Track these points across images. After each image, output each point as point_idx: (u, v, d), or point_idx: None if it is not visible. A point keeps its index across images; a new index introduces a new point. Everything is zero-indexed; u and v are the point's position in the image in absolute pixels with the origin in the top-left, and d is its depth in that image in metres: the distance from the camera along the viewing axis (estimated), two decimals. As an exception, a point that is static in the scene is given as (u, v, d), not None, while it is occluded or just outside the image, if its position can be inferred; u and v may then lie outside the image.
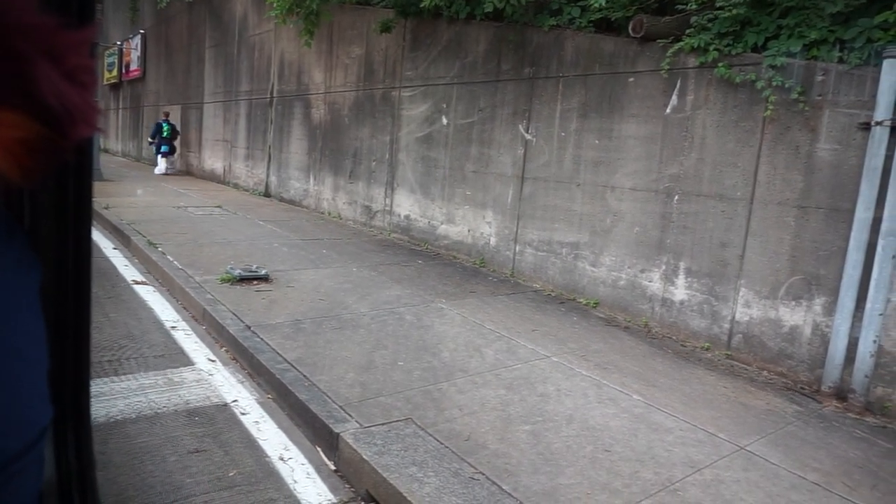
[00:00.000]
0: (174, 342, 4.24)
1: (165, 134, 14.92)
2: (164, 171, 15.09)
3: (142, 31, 18.71)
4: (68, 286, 0.68)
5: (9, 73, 0.43)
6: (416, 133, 7.94)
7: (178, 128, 15.54)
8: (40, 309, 0.53)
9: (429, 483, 2.52)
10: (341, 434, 2.87)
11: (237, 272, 5.44)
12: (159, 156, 15.06)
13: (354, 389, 3.37)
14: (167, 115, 15.57)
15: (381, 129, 8.62)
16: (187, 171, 15.84)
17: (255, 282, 5.41)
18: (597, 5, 5.27)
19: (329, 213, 9.95)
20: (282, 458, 2.88)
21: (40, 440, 0.52)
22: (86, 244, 0.70)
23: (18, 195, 0.63)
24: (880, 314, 3.66)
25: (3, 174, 0.45)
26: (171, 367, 3.78)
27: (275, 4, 8.29)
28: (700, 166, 4.73)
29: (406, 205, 8.20)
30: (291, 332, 4.21)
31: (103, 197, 9.66)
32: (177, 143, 15.45)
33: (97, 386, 3.39)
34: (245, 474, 2.71)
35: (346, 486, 2.75)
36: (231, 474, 2.69)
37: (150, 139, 15.53)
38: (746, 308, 4.42)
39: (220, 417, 3.21)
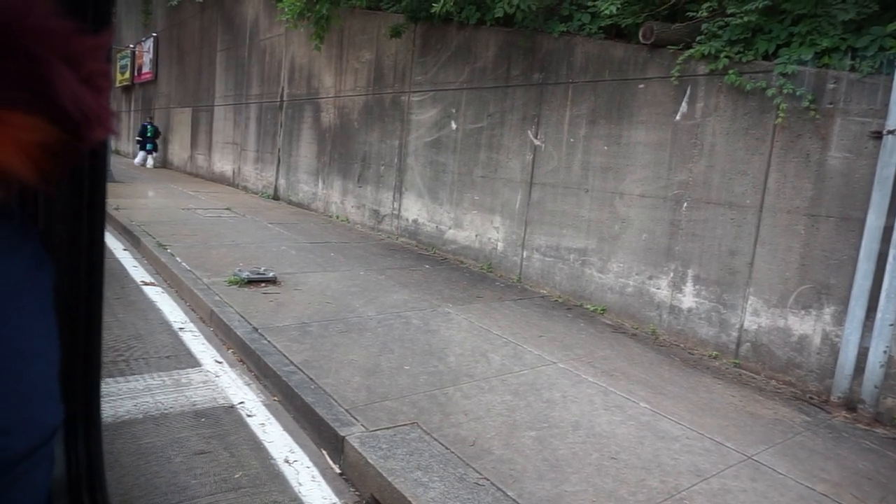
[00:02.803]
0: (182, 343, 4.26)
1: (149, 134, 17.67)
2: (142, 162, 17.67)
3: (154, 35, 18.88)
4: (81, 286, 0.69)
5: (27, 78, 0.44)
6: (425, 138, 7.95)
7: (160, 129, 18.30)
8: (53, 309, 0.53)
9: (434, 488, 2.52)
10: (347, 437, 2.87)
11: (245, 274, 5.46)
12: (142, 152, 17.77)
13: (360, 393, 3.37)
14: (151, 118, 18.48)
15: (390, 133, 8.65)
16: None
17: (262, 284, 5.44)
18: (607, 12, 5.27)
19: (337, 217, 9.98)
20: (287, 461, 2.89)
21: (51, 439, 0.53)
22: (99, 246, 0.70)
23: (33, 196, 0.64)
24: (891, 324, 3.63)
25: (20, 176, 0.45)
26: (179, 369, 3.80)
27: (286, 9, 8.35)
28: (709, 173, 4.71)
29: (414, 209, 8.21)
30: (298, 334, 4.22)
31: (114, 198, 9.74)
32: (158, 141, 18.08)
33: (105, 386, 3.41)
34: (250, 476, 2.71)
35: (351, 489, 2.75)
36: (236, 476, 2.69)
37: (137, 138, 18.18)
38: (755, 316, 4.39)
39: (226, 419, 3.22)
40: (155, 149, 17.84)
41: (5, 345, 0.47)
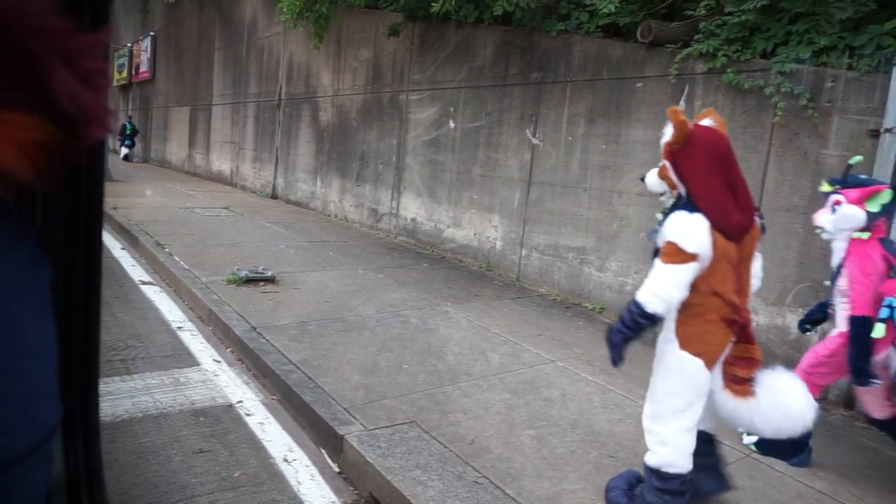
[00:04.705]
0: (180, 342, 4.26)
1: (128, 132, 19.05)
2: (124, 157, 18.81)
3: (152, 33, 18.85)
4: (79, 286, 0.69)
5: (25, 76, 0.44)
6: (424, 136, 7.95)
7: (138, 127, 20.02)
8: (51, 308, 0.53)
9: (432, 486, 2.52)
10: (346, 436, 2.87)
11: (243, 273, 5.46)
12: (123, 147, 19.05)
13: (359, 392, 3.37)
14: (130, 117, 20.39)
15: (389, 132, 8.64)
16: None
17: (261, 283, 5.43)
18: (605, 10, 5.27)
19: (336, 216, 9.98)
20: (286, 460, 2.89)
21: (49, 438, 0.53)
22: (97, 245, 0.70)
23: (31, 195, 0.64)
24: (888, 322, 3.63)
25: (18, 174, 0.45)
26: (177, 368, 3.80)
27: (285, 8, 8.34)
28: (707, 172, 4.71)
29: (412, 208, 8.21)
30: (297, 333, 4.22)
31: (112, 197, 9.72)
32: (136, 138, 19.66)
33: (104, 385, 3.41)
34: (249, 475, 2.71)
35: (350, 488, 2.75)
36: (235, 475, 2.69)
37: (118, 136, 19.49)
38: (753, 315, 4.38)
39: (225, 418, 3.22)
40: (133, 145, 19.44)
41: (5, 344, 0.47)
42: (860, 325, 2.73)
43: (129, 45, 21.02)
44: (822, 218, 2.98)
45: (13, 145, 0.44)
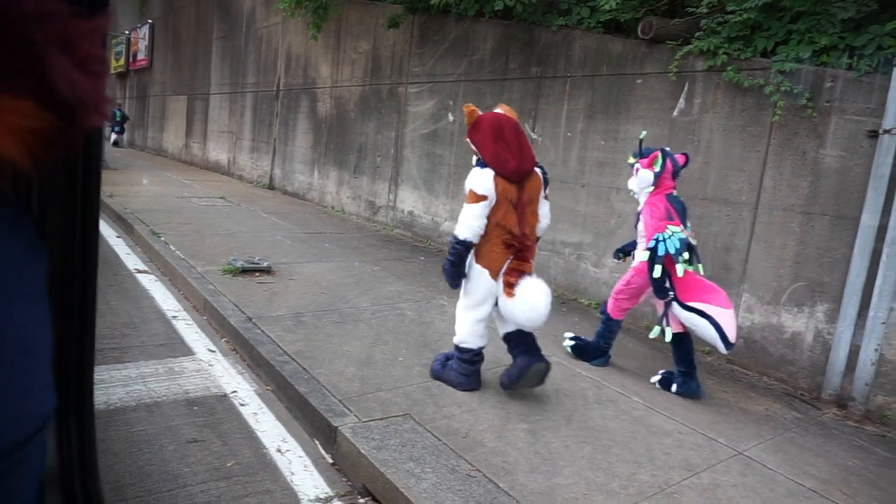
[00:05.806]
0: (175, 332, 4.25)
1: (117, 118, 19.25)
2: (114, 143, 19.38)
3: (150, 21, 18.72)
4: (75, 274, 0.68)
5: (21, 62, 0.43)
6: (422, 129, 7.93)
7: (133, 115, 20.92)
8: (46, 296, 0.53)
9: (426, 479, 2.53)
10: (339, 428, 2.87)
11: (239, 263, 5.44)
12: (113, 133, 19.52)
13: (354, 384, 3.38)
14: (120, 104, 21.19)
15: (387, 124, 8.61)
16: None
17: (257, 273, 5.42)
18: (606, 6, 5.25)
19: (332, 208, 9.96)
20: (279, 450, 2.89)
21: (43, 428, 0.52)
22: (93, 233, 0.70)
23: (27, 182, 0.63)
24: (882, 322, 3.65)
25: (14, 162, 0.45)
26: (172, 357, 3.79)
27: (283, -3, 8.29)
28: (706, 170, 4.72)
29: (410, 201, 8.19)
30: (292, 324, 4.22)
31: (108, 185, 9.67)
32: (126, 125, 20.29)
33: (98, 373, 3.39)
34: (242, 465, 2.71)
35: (343, 479, 2.75)
36: (228, 465, 2.70)
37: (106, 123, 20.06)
38: (748, 313, 4.41)
39: (219, 408, 3.22)
40: (122, 131, 20.00)
41: (1, 334, 0.47)
42: (653, 251, 3.65)
43: (126, 32, 20.88)
44: (630, 182, 3.94)
45: (9, 132, 0.44)
